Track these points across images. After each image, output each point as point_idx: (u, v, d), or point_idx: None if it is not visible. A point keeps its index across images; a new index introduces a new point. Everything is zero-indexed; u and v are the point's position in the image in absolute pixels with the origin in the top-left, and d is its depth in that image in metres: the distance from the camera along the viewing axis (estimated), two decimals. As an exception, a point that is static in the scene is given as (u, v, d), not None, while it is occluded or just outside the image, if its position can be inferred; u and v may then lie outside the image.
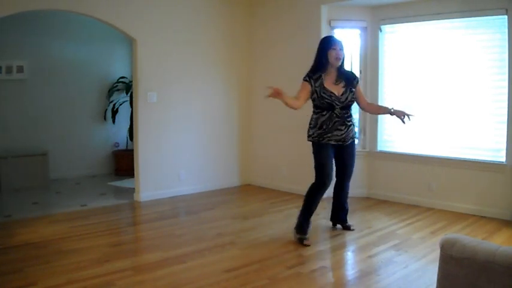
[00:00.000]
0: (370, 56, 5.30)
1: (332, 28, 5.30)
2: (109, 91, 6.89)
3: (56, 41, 6.37)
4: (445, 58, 4.76)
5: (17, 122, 6.10)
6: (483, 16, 4.43)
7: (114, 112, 6.79)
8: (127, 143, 6.93)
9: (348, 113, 3.72)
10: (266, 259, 3.30)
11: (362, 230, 4.09)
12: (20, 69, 6.05)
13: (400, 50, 5.13)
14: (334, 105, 3.63)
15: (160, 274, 3.03)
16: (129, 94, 6.62)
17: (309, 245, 3.61)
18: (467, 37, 4.60)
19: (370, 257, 3.39)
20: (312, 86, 3.63)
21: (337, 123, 3.65)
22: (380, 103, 5.23)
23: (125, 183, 6.11)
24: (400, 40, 5.13)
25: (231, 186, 5.99)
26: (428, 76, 4.90)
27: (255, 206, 5.00)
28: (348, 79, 3.73)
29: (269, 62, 5.87)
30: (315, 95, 3.64)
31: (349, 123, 3.71)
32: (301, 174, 5.09)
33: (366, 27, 5.31)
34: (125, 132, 6.93)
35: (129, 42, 5.89)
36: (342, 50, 3.68)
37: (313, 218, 4.47)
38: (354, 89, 3.73)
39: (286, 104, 3.48)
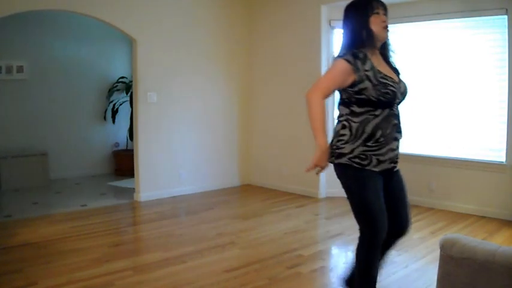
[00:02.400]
0: (370, 56, 5.29)
1: (332, 28, 5.29)
2: (109, 91, 6.89)
3: (56, 41, 6.37)
4: (445, 58, 4.76)
5: (17, 122, 6.09)
6: (483, 16, 4.43)
7: (114, 112, 6.79)
8: (127, 143, 6.93)
9: (399, 114, 2.26)
10: (266, 259, 3.29)
11: (362, 230, 4.08)
12: (20, 69, 6.04)
13: (400, 50, 5.11)
14: (396, 97, 2.19)
15: (160, 274, 3.03)
16: (129, 94, 6.62)
17: None
18: (467, 37, 4.60)
19: (370, 257, 3.39)
20: (358, 70, 2.12)
21: (395, 129, 2.20)
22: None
23: (125, 183, 6.11)
24: (400, 40, 5.12)
25: (231, 186, 5.98)
26: (428, 76, 4.89)
27: (255, 206, 4.99)
28: (393, 65, 2.35)
29: (269, 63, 5.86)
30: (368, 84, 2.11)
31: (401, 130, 2.28)
32: (302, 174, 5.07)
33: (366, 27, 5.29)
34: (125, 132, 6.93)
35: (129, 42, 5.89)
36: (387, 15, 2.23)
37: (311, 218, 4.50)
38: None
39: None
